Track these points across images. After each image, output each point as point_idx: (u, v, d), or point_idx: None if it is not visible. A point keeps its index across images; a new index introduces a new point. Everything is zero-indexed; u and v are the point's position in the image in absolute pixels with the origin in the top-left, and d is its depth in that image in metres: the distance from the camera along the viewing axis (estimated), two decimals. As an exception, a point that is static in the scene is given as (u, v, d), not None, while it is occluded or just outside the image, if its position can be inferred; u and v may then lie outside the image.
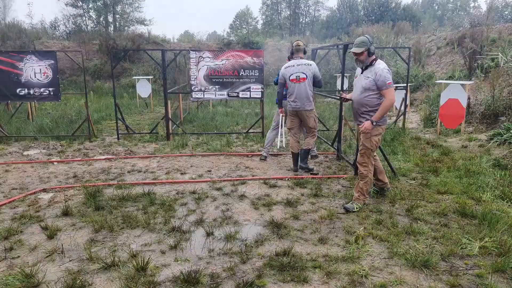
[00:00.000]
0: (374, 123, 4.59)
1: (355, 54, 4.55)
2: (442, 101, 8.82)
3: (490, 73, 10.21)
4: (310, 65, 6.25)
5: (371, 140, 4.66)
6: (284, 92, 6.64)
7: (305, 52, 6.41)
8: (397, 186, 5.52)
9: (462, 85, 8.80)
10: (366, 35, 4.60)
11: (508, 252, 3.54)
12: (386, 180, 5.17)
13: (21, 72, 8.72)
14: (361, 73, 4.72)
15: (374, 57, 4.59)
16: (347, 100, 5.24)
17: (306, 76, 6.18)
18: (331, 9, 49.25)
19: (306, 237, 4.01)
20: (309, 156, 7.11)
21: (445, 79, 11.67)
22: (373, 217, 4.45)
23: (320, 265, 3.40)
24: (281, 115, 6.94)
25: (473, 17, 15.78)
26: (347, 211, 4.65)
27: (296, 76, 6.19)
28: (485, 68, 11.07)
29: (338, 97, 5.28)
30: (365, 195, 4.79)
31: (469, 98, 9.42)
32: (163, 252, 3.71)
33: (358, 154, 4.86)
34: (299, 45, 6.34)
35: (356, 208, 4.67)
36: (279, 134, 7.19)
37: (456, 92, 8.63)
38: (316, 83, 6.30)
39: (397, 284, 3.13)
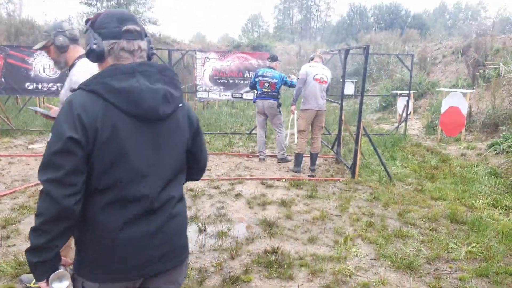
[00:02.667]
0: None
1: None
2: (443, 109, 8.86)
3: (492, 82, 10.23)
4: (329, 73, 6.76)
5: None
6: (259, 92, 7.00)
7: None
8: (392, 191, 5.59)
9: (463, 93, 8.84)
10: (58, 21, 2.88)
11: (493, 258, 3.61)
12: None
13: (31, 67, 8.91)
14: None
15: (78, 52, 2.77)
16: None
17: (328, 80, 6.57)
18: (341, 15, 49.48)
19: (296, 237, 4.10)
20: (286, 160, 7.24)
21: (449, 87, 11.69)
22: (364, 220, 4.53)
23: (306, 264, 3.48)
24: (295, 114, 7.44)
25: (479, 27, 15.79)
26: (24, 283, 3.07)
27: (321, 77, 6.47)
28: (487, 78, 11.09)
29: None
30: None
31: (470, 107, 9.44)
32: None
33: None
34: (319, 53, 7.19)
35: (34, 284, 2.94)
36: (289, 133, 7.45)
37: (456, 100, 8.67)
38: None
39: (380, 284, 3.21)
